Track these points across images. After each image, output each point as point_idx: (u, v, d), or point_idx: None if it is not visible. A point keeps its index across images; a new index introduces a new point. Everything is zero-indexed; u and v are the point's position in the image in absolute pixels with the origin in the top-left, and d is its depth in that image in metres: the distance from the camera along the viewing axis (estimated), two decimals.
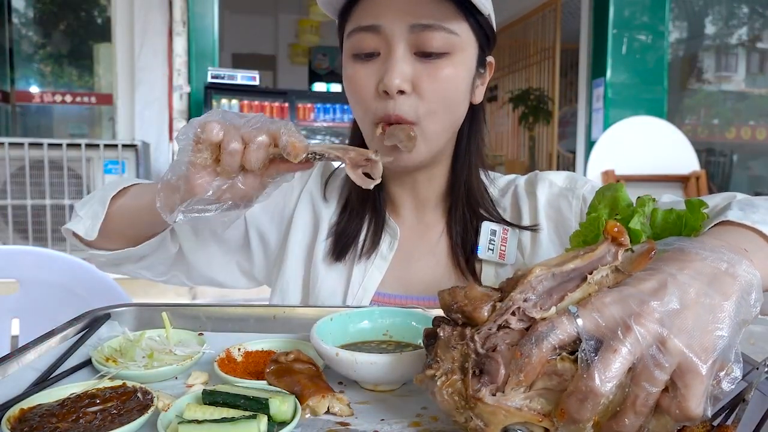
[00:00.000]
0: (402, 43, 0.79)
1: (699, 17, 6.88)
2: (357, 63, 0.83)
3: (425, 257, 0.95)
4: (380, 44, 0.80)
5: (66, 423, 0.52)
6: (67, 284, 1.22)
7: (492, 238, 0.91)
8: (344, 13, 0.85)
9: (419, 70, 0.80)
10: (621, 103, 5.25)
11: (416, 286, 0.93)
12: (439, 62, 0.80)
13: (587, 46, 5.65)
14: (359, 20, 0.81)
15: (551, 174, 0.95)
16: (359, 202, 0.95)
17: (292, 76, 8.73)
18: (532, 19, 6.94)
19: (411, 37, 0.79)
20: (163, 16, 4.78)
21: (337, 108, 5.03)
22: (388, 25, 0.79)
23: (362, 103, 0.83)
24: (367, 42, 0.80)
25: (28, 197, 4.11)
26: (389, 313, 0.75)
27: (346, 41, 0.84)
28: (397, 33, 0.79)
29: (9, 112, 6.01)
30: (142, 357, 0.69)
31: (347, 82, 0.85)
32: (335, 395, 0.58)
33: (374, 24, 0.79)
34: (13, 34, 6.05)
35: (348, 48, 0.83)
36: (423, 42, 0.79)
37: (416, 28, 0.78)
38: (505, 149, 7.79)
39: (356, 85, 0.83)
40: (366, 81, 0.81)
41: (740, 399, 0.53)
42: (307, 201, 0.99)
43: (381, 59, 0.81)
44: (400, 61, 0.78)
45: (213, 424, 0.50)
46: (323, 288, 0.93)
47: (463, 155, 0.92)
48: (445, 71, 0.80)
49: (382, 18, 0.79)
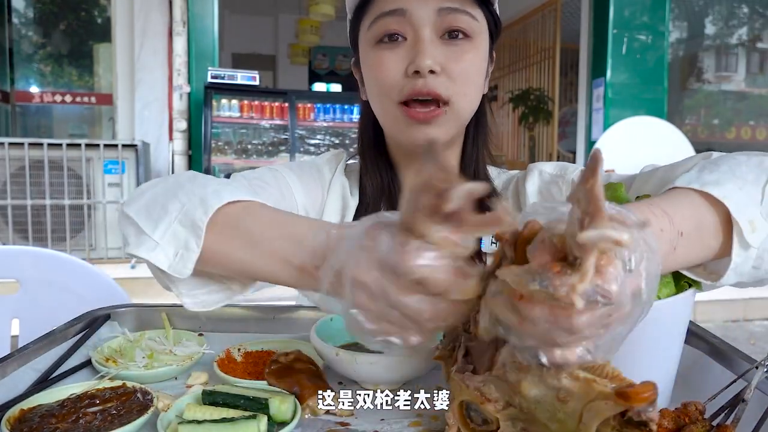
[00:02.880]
0: (428, 27, 0.80)
1: (699, 17, 6.88)
2: (382, 49, 0.83)
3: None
4: (406, 28, 0.81)
5: (66, 423, 0.52)
6: (67, 284, 1.21)
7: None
8: (360, 8, 0.86)
9: (446, 54, 0.81)
10: (621, 103, 5.25)
11: None
12: (463, 45, 0.82)
13: (587, 46, 5.65)
14: (383, 6, 0.82)
15: (542, 164, 0.97)
16: (375, 194, 0.96)
17: (292, 76, 8.73)
18: (532, 19, 6.94)
19: (437, 20, 0.80)
20: (163, 16, 4.78)
21: (337, 108, 5.03)
22: (415, 9, 0.80)
23: (388, 84, 0.83)
24: (393, 25, 0.81)
25: (28, 197, 4.11)
26: None
27: (367, 31, 0.85)
28: (424, 17, 0.80)
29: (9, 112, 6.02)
30: (142, 357, 0.69)
31: (372, 66, 0.85)
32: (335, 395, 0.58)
33: (400, 8, 0.80)
34: (13, 34, 6.05)
35: (371, 36, 0.84)
36: (449, 24, 0.81)
37: (443, 11, 0.80)
38: (505, 149, 7.79)
39: (383, 68, 0.83)
40: (394, 64, 0.82)
41: (740, 399, 0.53)
42: (337, 191, 0.99)
43: (408, 44, 0.82)
44: (429, 44, 0.80)
45: (213, 424, 0.50)
46: None
47: (471, 145, 0.94)
48: (469, 54, 0.82)
49: (408, 2, 0.80)
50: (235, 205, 0.61)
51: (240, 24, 8.32)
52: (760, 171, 0.58)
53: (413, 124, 0.83)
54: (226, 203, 0.60)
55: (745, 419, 0.51)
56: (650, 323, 0.55)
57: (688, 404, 0.50)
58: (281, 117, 4.93)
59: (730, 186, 0.55)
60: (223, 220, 0.60)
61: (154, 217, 0.61)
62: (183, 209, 0.60)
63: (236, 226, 0.60)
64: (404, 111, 0.83)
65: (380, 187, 0.95)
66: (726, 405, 0.53)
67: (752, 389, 0.54)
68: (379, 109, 0.88)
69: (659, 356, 0.57)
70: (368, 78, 0.87)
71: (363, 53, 0.87)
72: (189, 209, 0.60)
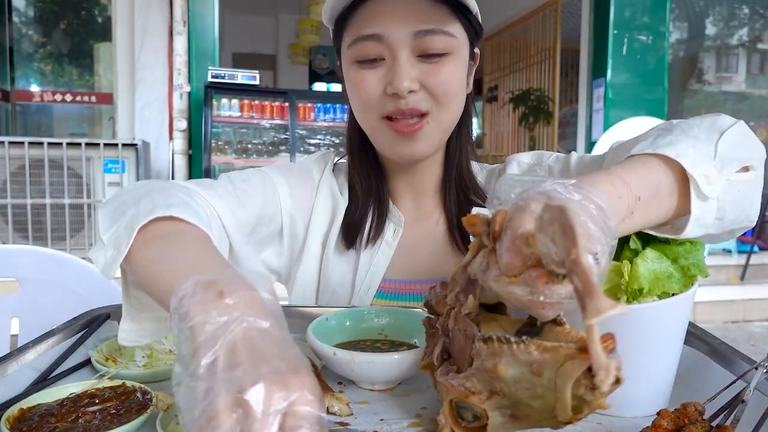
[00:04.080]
0: (406, 49, 0.82)
1: (699, 18, 6.87)
2: (362, 69, 0.85)
3: (426, 243, 0.98)
4: (384, 51, 0.83)
5: (65, 423, 0.52)
6: (67, 284, 1.21)
7: None
8: (341, 21, 0.88)
9: (424, 71, 0.83)
10: (621, 103, 5.25)
11: (421, 272, 0.96)
12: (441, 61, 0.84)
13: (588, 47, 5.65)
14: (360, 29, 0.84)
15: (519, 154, 1.00)
16: (363, 194, 0.98)
17: (293, 76, 8.73)
18: (533, 20, 6.94)
19: (414, 42, 0.82)
20: (164, 16, 4.78)
21: (337, 108, 5.03)
22: (391, 33, 0.82)
23: (369, 103, 0.86)
24: (371, 50, 0.83)
25: (28, 196, 4.11)
26: (384, 312, 0.76)
27: (347, 49, 0.87)
28: (400, 40, 0.82)
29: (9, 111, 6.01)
30: (141, 357, 0.69)
31: (353, 86, 0.87)
32: (334, 395, 0.58)
33: (377, 33, 0.82)
34: (14, 33, 6.05)
35: (350, 56, 0.86)
36: (425, 46, 0.82)
37: (419, 34, 0.82)
38: (505, 149, 7.79)
39: (363, 89, 0.85)
40: (373, 84, 0.84)
41: (739, 400, 0.53)
42: (326, 191, 1.00)
43: (386, 64, 0.84)
44: (406, 65, 0.82)
45: None
46: (334, 275, 0.96)
47: (455, 142, 0.96)
48: (447, 69, 0.84)
49: (384, 26, 0.82)
50: (174, 222, 0.62)
51: (240, 23, 8.32)
52: (713, 130, 0.62)
53: (398, 139, 0.86)
54: (167, 216, 0.61)
55: (744, 420, 0.51)
56: (650, 323, 0.55)
57: (688, 405, 0.50)
58: (281, 117, 4.93)
59: (682, 145, 0.58)
60: (156, 231, 0.60)
61: (112, 220, 0.64)
62: (133, 215, 0.62)
63: (159, 240, 0.60)
64: (388, 125, 0.85)
65: (369, 187, 0.98)
66: (725, 406, 0.53)
67: (752, 390, 0.54)
68: (363, 122, 0.91)
69: (659, 356, 0.57)
70: (350, 94, 0.89)
71: (344, 68, 0.89)
72: (136, 215, 0.61)
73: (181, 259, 0.55)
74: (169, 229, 0.62)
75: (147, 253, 0.59)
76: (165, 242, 0.60)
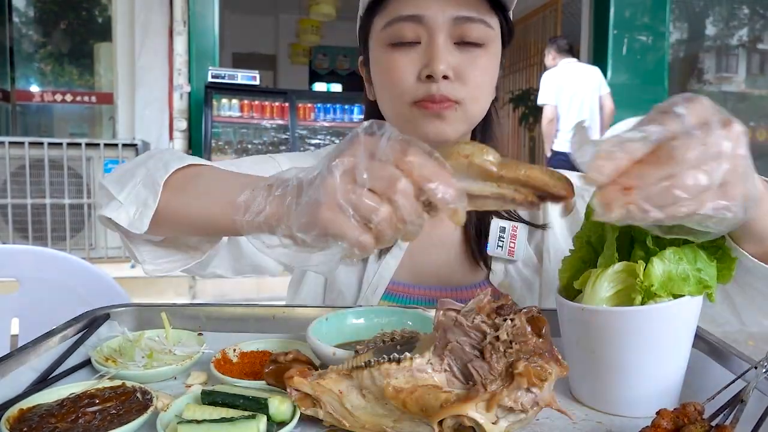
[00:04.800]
0: (444, 33, 0.81)
1: (700, 18, 6.88)
2: (396, 51, 0.83)
3: (439, 248, 0.96)
4: (422, 33, 0.82)
5: (65, 423, 0.52)
6: (67, 284, 1.21)
7: (501, 235, 0.93)
8: (374, 5, 0.86)
9: (460, 59, 0.82)
10: (621, 103, 5.25)
11: (429, 277, 0.94)
12: (477, 52, 0.83)
13: (587, 47, 5.65)
14: (399, 10, 0.82)
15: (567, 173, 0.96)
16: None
17: (293, 76, 8.74)
18: (533, 20, 6.94)
19: (453, 27, 0.81)
20: (164, 16, 4.78)
21: (337, 108, 5.03)
22: (431, 16, 0.81)
23: (400, 87, 0.84)
24: (408, 31, 0.82)
25: (28, 196, 4.11)
26: (384, 312, 0.75)
27: (380, 31, 0.85)
28: (440, 23, 0.81)
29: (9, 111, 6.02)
30: (141, 357, 0.69)
31: (384, 69, 0.85)
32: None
33: (417, 14, 0.81)
34: (14, 33, 6.05)
35: (384, 37, 0.84)
36: (464, 33, 0.82)
37: (459, 20, 0.81)
38: (505, 150, 7.67)
39: (396, 71, 0.83)
40: (407, 67, 0.83)
41: (739, 399, 0.53)
42: None
43: (422, 48, 0.82)
44: (443, 49, 0.81)
45: (212, 424, 0.50)
46: (340, 274, 0.94)
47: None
48: (483, 60, 0.84)
49: (424, 8, 0.81)
50: (194, 167, 0.70)
51: (240, 24, 8.32)
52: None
53: (426, 117, 0.83)
54: (186, 165, 0.69)
55: (744, 419, 0.51)
56: (659, 323, 0.55)
57: (687, 405, 0.50)
58: (281, 117, 4.94)
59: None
60: (182, 179, 0.67)
61: (123, 182, 0.69)
62: (148, 173, 0.68)
63: (191, 181, 0.67)
64: (416, 107, 0.83)
65: None
66: (725, 405, 0.53)
67: (751, 389, 0.54)
68: (389, 110, 0.88)
69: (667, 356, 0.57)
70: (379, 79, 0.87)
71: (374, 53, 0.87)
72: (152, 172, 0.68)
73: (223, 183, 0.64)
74: (190, 174, 0.69)
75: (180, 198, 0.66)
76: (195, 183, 0.67)
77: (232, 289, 4.10)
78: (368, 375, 0.49)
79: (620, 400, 0.57)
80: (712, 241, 0.57)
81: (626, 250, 0.59)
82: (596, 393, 0.59)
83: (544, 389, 0.47)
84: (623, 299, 0.56)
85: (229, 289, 4.11)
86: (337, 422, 0.51)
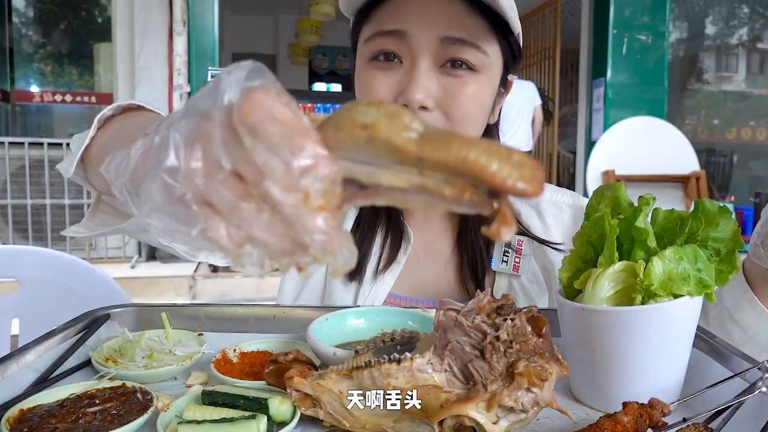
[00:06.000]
0: (428, 55, 0.73)
1: (699, 17, 6.88)
2: (375, 69, 0.76)
3: (437, 264, 0.92)
4: (404, 51, 0.74)
5: (65, 423, 0.52)
6: (67, 284, 1.21)
7: (507, 251, 0.88)
8: (362, 13, 0.79)
9: (444, 86, 0.74)
10: (621, 103, 5.25)
11: (427, 292, 0.91)
12: (466, 78, 0.74)
13: (587, 47, 5.65)
14: (383, 23, 0.75)
15: (584, 200, 0.92)
16: (371, 213, 0.91)
17: (292, 76, 8.73)
18: (533, 19, 6.94)
19: (439, 49, 0.73)
20: (164, 16, 4.78)
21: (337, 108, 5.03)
22: (415, 33, 0.73)
23: None
24: (390, 47, 0.74)
25: (28, 197, 4.11)
26: (385, 312, 0.75)
27: (363, 44, 0.78)
28: (424, 43, 0.73)
29: (9, 112, 6.01)
30: (141, 357, 0.69)
31: (362, 87, 0.78)
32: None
33: (400, 29, 0.73)
34: (14, 33, 6.05)
35: (366, 52, 0.77)
36: (451, 56, 0.73)
37: (447, 41, 0.73)
38: None
39: (372, 92, 0.76)
40: (384, 90, 0.75)
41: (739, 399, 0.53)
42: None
43: (403, 68, 0.75)
44: (424, 75, 0.73)
45: (212, 424, 0.50)
46: (335, 288, 0.91)
47: None
48: (471, 88, 0.75)
49: (409, 24, 0.73)
50: (139, 110, 0.64)
51: (240, 24, 8.32)
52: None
53: None
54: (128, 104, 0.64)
55: (744, 419, 0.51)
56: (659, 323, 0.55)
57: (655, 403, 0.50)
58: None
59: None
60: (120, 120, 0.62)
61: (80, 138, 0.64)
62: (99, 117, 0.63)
63: (123, 121, 0.62)
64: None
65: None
66: (725, 405, 0.53)
67: (752, 389, 0.54)
68: None
69: (667, 356, 0.57)
70: (358, 95, 0.81)
71: (357, 65, 0.81)
72: (100, 116, 0.63)
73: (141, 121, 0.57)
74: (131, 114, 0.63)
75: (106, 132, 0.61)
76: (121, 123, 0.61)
77: (232, 289, 4.10)
78: (368, 375, 0.49)
79: (620, 399, 0.57)
80: (712, 242, 0.58)
81: (626, 249, 0.59)
82: (596, 393, 0.59)
83: (544, 389, 0.47)
84: (623, 299, 0.56)
85: (229, 289, 4.11)
86: (338, 422, 0.51)
